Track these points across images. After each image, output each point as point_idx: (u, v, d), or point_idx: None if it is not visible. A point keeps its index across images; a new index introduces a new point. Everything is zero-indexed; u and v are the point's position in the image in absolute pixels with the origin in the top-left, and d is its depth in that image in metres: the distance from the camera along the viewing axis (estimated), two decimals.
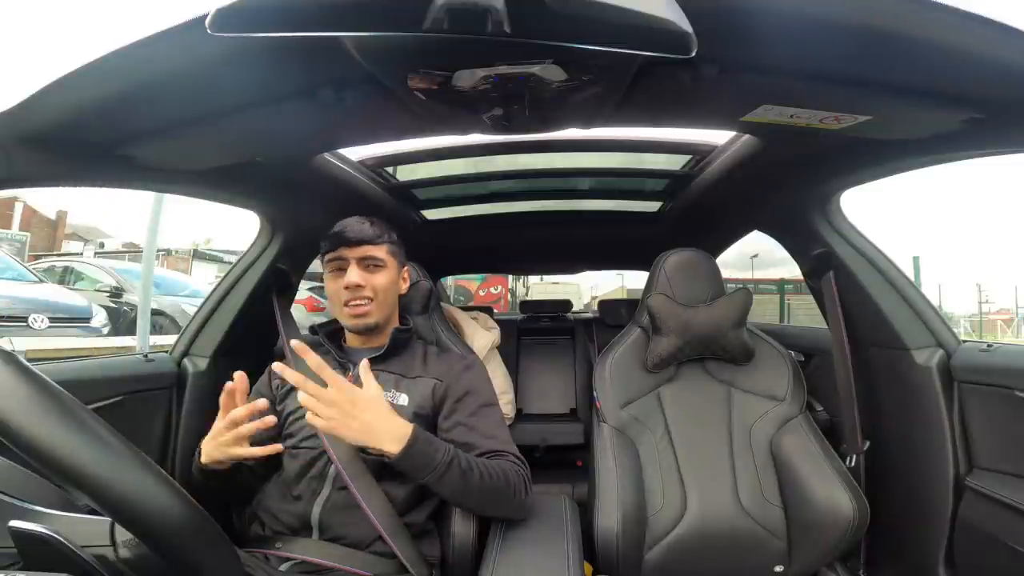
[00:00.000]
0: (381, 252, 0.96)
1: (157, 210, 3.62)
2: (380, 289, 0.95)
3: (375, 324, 0.96)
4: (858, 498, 0.99)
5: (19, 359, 0.45)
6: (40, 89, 0.54)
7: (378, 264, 0.96)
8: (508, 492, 0.84)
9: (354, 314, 0.94)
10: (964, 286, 30.39)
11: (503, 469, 0.84)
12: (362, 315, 0.94)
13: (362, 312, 0.94)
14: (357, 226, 0.95)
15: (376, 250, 0.95)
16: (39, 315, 4.00)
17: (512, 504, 0.86)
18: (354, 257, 0.94)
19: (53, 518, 0.49)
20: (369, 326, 0.96)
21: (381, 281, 0.95)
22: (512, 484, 0.84)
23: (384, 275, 0.96)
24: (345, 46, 0.53)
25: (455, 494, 0.81)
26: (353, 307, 0.93)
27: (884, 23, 0.48)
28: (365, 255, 0.94)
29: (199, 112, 0.65)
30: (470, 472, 0.80)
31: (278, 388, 0.99)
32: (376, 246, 0.95)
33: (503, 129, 0.72)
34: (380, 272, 0.96)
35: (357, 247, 0.94)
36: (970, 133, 0.67)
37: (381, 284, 0.95)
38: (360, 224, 0.95)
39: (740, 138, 0.98)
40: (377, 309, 0.95)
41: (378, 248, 0.96)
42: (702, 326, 1.18)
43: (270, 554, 0.82)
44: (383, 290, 0.96)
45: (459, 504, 0.88)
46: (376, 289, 0.95)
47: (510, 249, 2.09)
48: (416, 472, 0.78)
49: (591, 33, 0.41)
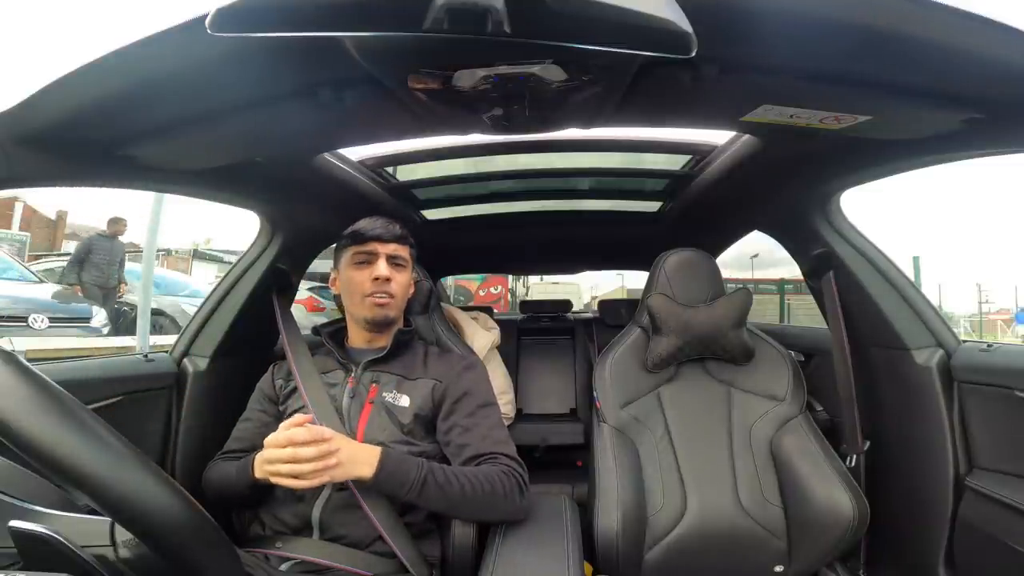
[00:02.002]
0: (405, 252, 1.01)
1: (157, 210, 3.62)
2: (401, 287, 0.99)
3: (392, 318, 0.99)
4: (858, 498, 0.99)
5: (19, 359, 0.45)
6: (40, 89, 0.54)
7: (403, 264, 1.00)
8: (496, 497, 0.83)
9: (377, 303, 0.96)
10: (964, 286, 30.42)
11: (487, 475, 0.84)
12: (383, 306, 0.96)
13: (383, 303, 0.96)
14: (387, 225, 0.99)
15: (403, 250, 1.00)
16: (39, 315, 4.00)
17: (505, 508, 0.85)
18: (385, 252, 0.97)
19: (53, 518, 0.49)
20: (388, 318, 0.98)
21: (403, 280, 1.00)
22: (500, 489, 0.84)
23: (406, 275, 1.01)
24: (345, 46, 0.53)
25: (440, 506, 0.83)
26: (377, 298, 0.96)
27: (884, 23, 0.48)
28: (395, 253, 0.99)
29: (199, 112, 0.65)
30: (449, 485, 0.81)
31: (281, 388, 0.99)
32: (402, 246, 1.00)
33: (503, 129, 0.72)
34: (403, 271, 1.00)
35: (389, 244, 0.98)
36: (970, 133, 0.67)
37: (403, 283, 1.00)
38: (389, 223, 1.00)
39: (740, 138, 0.98)
40: (396, 305, 0.99)
41: (403, 248, 1.01)
42: (702, 326, 1.18)
43: (270, 554, 0.82)
44: (403, 288, 1.00)
45: (450, 515, 0.88)
46: (400, 287, 0.98)
47: (510, 249, 2.09)
48: (394, 491, 0.80)
49: (591, 33, 0.41)
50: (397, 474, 0.80)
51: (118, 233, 5.29)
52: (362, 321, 0.99)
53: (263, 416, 0.98)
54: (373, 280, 0.95)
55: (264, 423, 0.97)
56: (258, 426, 0.97)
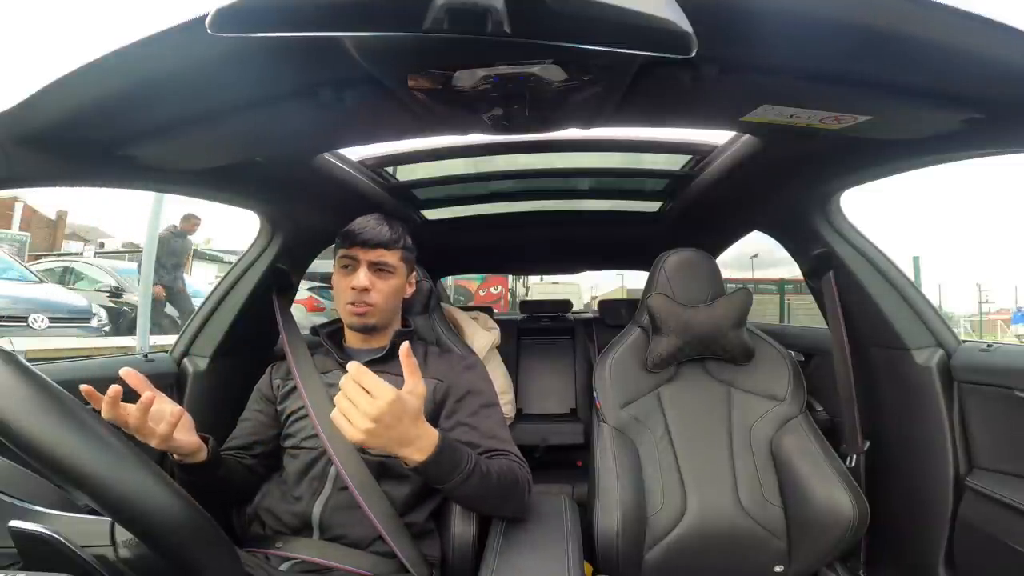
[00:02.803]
0: (393, 258, 0.95)
1: (157, 210, 3.62)
2: (385, 295, 0.95)
3: (373, 325, 0.96)
4: (858, 498, 0.99)
5: (19, 359, 0.45)
6: (40, 89, 0.54)
7: (388, 270, 0.95)
8: (518, 488, 0.85)
9: (355, 312, 0.94)
10: (964, 286, 30.41)
11: (509, 467, 0.85)
12: (361, 315, 0.94)
13: (361, 312, 0.94)
14: (375, 228, 0.94)
15: (389, 255, 0.95)
16: (39, 315, 4.01)
17: (521, 500, 0.87)
18: (366, 259, 0.93)
19: (53, 518, 0.49)
20: (367, 326, 0.96)
21: (387, 287, 0.95)
22: (520, 482, 0.85)
23: (392, 281, 0.96)
24: (345, 46, 0.53)
25: (470, 498, 0.81)
26: (356, 307, 0.93)
27: (884, 23, 0.48)
28: (377, 259, 0.94)
29: (199, 112, 0.65)
30: (488, 476, 0.79)
31: (279, 388, 0.99)
32: (390, 251, 0.95)
33: (503, 129, 0.72)
34: (388, 278, 0.95)
35: (371, 250, 0.93)
36: (970, 133, 0.67)
37: (387, 290, 0.95)
38: (379, 226, 0.95)
39: (740, 138, 0.98)
40: (378, 313, 0.95)
41: (391, 254, 0.95)
42: (702, 326, 1.18)
43: (270, 554, 0.82)
44: (388, 296, 0.95)
45: (469, 506, 0.88)
46: (381, 294, 0.94)
47: (510, 249, 2.09)
48: (438, 479, 0.74)
49: (591, 33, 0.41)
50: (451, 462, 0.73)
51: (190, 231, 5.04)
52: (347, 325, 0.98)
53: (259, 416, 0.98)
54: (351, 289, 0.93)
55: (260, 423, 0.97)
56: (254, 425, 0.97)
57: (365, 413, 0.63)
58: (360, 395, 0.64)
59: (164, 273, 4.58)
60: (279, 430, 0.97)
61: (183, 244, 4.99)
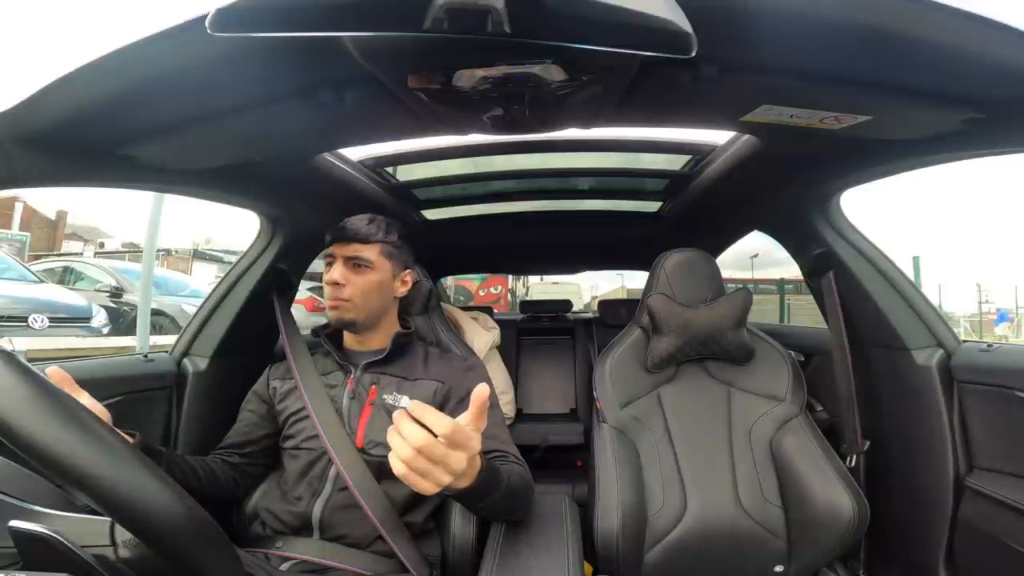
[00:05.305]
0: (370, 253, 0.94)
1: (157, 210, 3.61)
2: (361, 289, 0.93)
3: (352, 321, 0.95)
4: (858, 498, 0.99)
5: (19, 359, 0.45)
6: (40, 89, 0.54)
7: (364, 264, 0.94)
8: (529, 493, 0.86)
9: (331, 307, 0.94)
10: (964, 286, 30.41)
11: (521, 474, 0.85)
12: (336, 309, 0.94)
13: (336, 306, 0.93)
14: (355, 224, 0.94)
15: (365, 250, 0.93)
16: (39, 315, 4.00)
17: (528, 506, 0.88)
18: (341, 255, 0.94)
19: (53, 518, 0.49)
20: (343, 321, 0.95)
21: (363, 282, 0.93)
22: (530, 487, 0.86)
23: (368, 276, 0.94)
24: (345, 46, 0.53)
25: (493, 510, 0.79)
26: (331, 302, 0.94)
27: (884, 23, 0.48)
28: (352, 254, 0.93)
29: (199, 112, 0.65)
30: (512, 488, 0.76)
31: (276, 389, 0.99)
32: (365, 245, 0.94)
33: (503, 129, 0.72)
34: (365, 273, 0.94)
35: (346, 245, 0.93)
36: (970, 133, 0.67)
37: (362, 285, 0.93)
38: (359, 222, 0.95)
39: (740, 138, 0.98)
40: (354, 308, 0.94)
41: (367, 248, 0.94)
42: (702, 326, 1.18)
43: (270, 553, 0.82)
44: (365, 291, 0.94)
45: (486, 516, 0.89)
46: (356, 288, 0.93)
47: (510, 249, 2.09)
48: (475, 500, 0.69)
49: (591, 33, 0.41)
50: (488, 483, 0.67)
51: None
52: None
53: (251, 416, 0.98)
54: (327, 284, 0.93)
55: (252, 423, 0.98)
56: (247, 425, 0.97)
57: (449, 471, 0.56)
58: (437, 449, 0.55)
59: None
60: (272, 430, 0.97)
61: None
